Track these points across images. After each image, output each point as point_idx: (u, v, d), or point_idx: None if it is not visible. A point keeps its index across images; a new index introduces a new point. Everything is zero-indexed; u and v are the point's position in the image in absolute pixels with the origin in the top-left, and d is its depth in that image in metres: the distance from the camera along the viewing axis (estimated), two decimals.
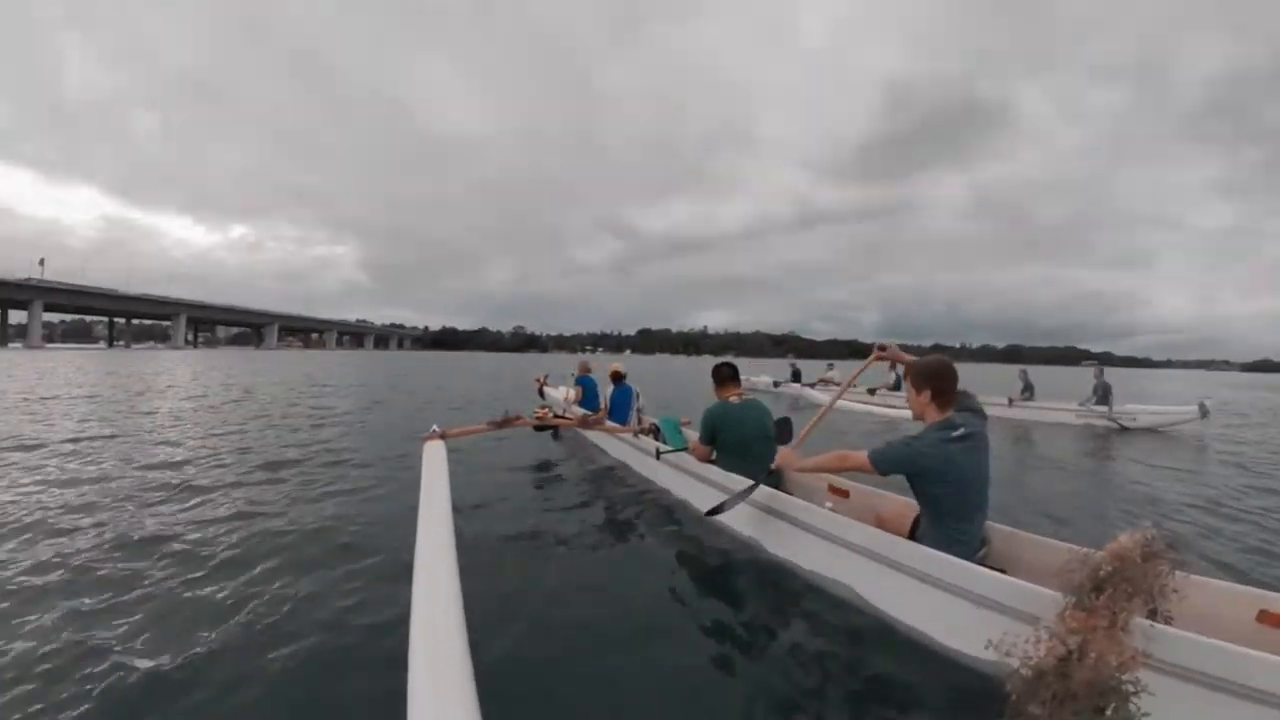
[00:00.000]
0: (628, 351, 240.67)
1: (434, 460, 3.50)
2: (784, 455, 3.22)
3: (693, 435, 4.81)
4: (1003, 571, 2.36)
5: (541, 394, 9.23)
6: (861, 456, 2.62)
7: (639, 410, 6.59)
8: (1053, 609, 1.88)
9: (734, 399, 3.97)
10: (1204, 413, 10.45)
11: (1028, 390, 12.80)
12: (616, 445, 5.92)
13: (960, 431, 2.53)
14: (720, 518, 3.74)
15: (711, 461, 4.02)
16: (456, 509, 2.72)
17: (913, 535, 2.70)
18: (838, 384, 14.01)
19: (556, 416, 5.94)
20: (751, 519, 3.49)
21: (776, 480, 3.74)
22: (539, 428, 5.85)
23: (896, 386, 13.51)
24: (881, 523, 2.91)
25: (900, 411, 9.17)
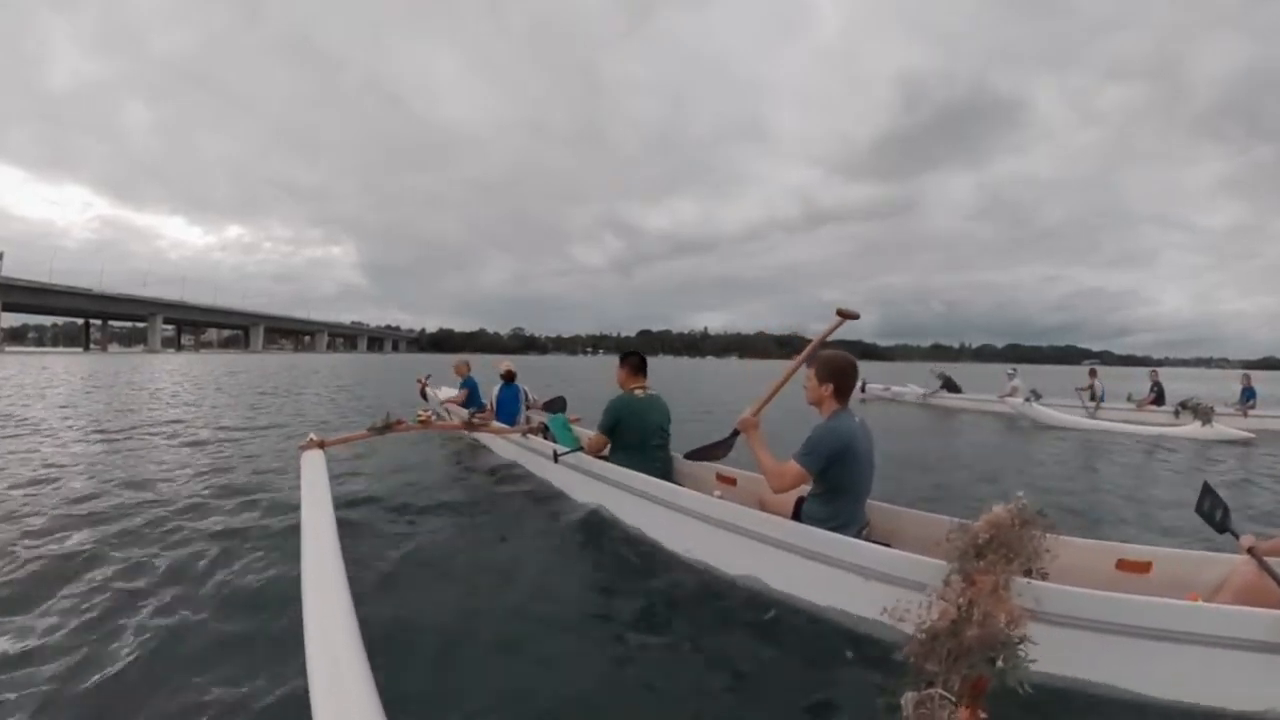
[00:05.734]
0: None
1: (314, 471, 3.33)
2: (746, 420, 2.92)
3: (583, 433, 4.69)
4: (887, 545, 2.48)
5: (424, 396, 8.74)
6: (795, 468, 2.55)
7: (528, 410, 6.39)
8: (938, 576, 1.96)
9: (639, 392, 3.87)
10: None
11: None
12: (505, 446, 5.66)
13: (859, 419, 2.65)
14: (610, 509, 3.71)
15: (603, 457, 3.92)
16: (341, 521, 2.64)
17: (796, 517, 2.74)
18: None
19: (440, 420, 5.64)
20: (642, 512, 3.44)
21: (667, 473, 3.74)
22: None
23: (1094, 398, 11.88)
24: (764, 506, 2.96)
25: (1159, 429, 9.29)
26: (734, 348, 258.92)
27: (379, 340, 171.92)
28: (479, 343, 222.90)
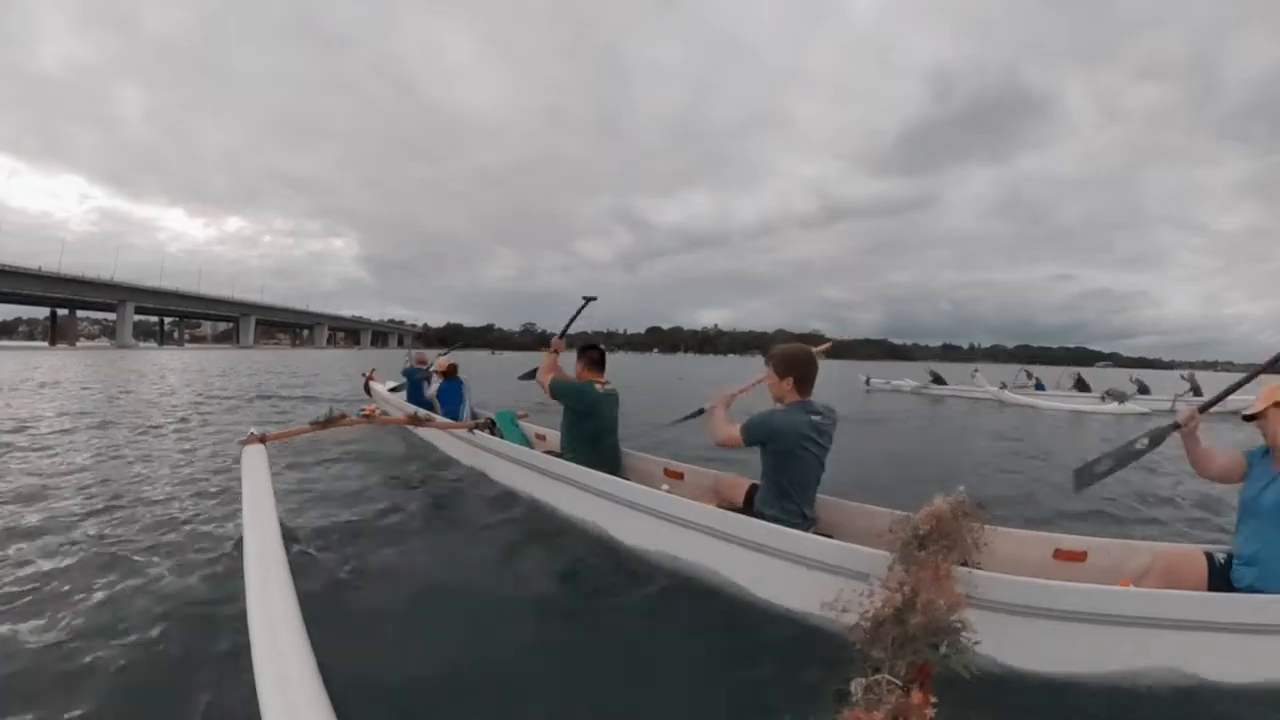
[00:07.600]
0: (654, 350, 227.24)
1: (255, 467, 3.26)
2: (716, 396, 3.13)
3: (531, 429, 4.72)
4: (830, 537, 2.53)
5: (368, 390, 8.56)
6: (734, 431, 2.77)
7: (471, 405, 6.28)
8: (882, 566, 2.01)
9: (599, 386, 3.84)
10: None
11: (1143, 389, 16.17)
12: (450, 443, 5.51)
13: (818, 417, 2.71)
14: (557, 506, 3.68)
15: (556, 454, 3.89)
16: (283, 516, 2.63)
17: (748, 504, 2.81)
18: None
19: (384, 414, 5.49)
20: (591, 506, 3.42)
21: (615, 467, 3.77)
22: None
23: (1039, 387, 18.36)
24: (717, 497, 3.02)
25: (1083, 406, 14.30)
26: (750, 345, 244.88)
27: (383, 335, 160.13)
28: (489, 338, 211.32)
